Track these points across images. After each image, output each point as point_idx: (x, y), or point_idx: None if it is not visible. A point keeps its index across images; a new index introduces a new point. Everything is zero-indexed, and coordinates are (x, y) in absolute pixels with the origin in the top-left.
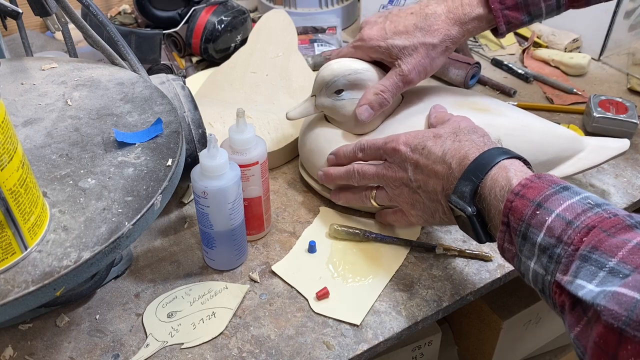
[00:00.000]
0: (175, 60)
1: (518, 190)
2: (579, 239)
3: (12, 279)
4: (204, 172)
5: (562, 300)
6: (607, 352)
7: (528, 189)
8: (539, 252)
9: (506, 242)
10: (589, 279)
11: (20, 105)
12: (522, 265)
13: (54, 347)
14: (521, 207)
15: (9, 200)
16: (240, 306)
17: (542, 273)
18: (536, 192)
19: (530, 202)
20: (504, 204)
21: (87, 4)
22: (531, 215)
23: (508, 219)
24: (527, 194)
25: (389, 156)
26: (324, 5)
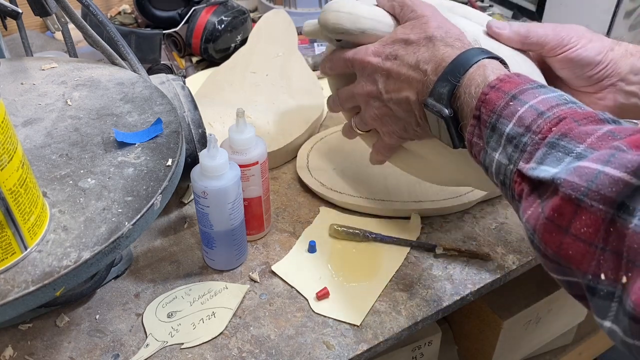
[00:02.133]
0: (175, 60)
1: (495, 84)
2: (548, 129)
3: (12, 279)
4: (204, 172)
5: (521, 188)
6: (560, 225)
7: (505, 82)
8: (505, 142)
9: (475, 136)
10: (555, 165)
11: (20, 105)
12: (487, 158)
13: (54, 347)
14: (495, 98)
15: (8, 200)
16: (240, 306)
17: (506, 163)
18: (513, 86)
19: (505, 95)
20: (478, 97)
21: (87, 4)
22: (504, 107)
23: (480, 112)
24: (503, 87)
25: (358, 70)
26: (324, 5)
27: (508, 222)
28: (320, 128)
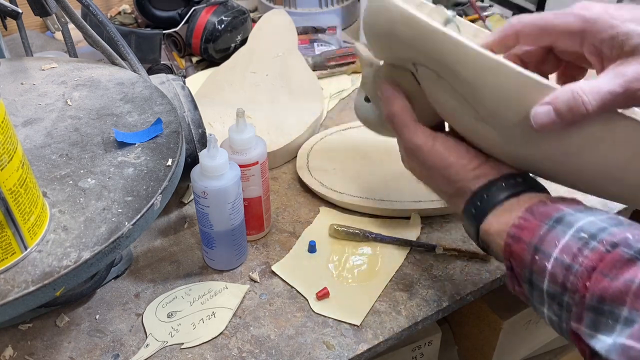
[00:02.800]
0: (175, 60)
1: (514, 233)
2: (582, 285)
3: (12, 279)
4: (204, 172)
5: (582, 347)
6: None
7: (523, 230)
8: (548, 300)
9: (515, 285)
10: (608, 333)
11: (20, 105)
12: (537, 309)
13: (54, 347)
14: (520, 251)
15: (8, 200)
16: (240, 306)
17: (557, 320)
18: (531, 234)
19: (528, 246)
20: (504, 247)
21: (87, 4)
22: (532, 261)
23: (511, 264)
24: (523, 236)
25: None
26: (324, 5)
27: None
28: (320, 128)
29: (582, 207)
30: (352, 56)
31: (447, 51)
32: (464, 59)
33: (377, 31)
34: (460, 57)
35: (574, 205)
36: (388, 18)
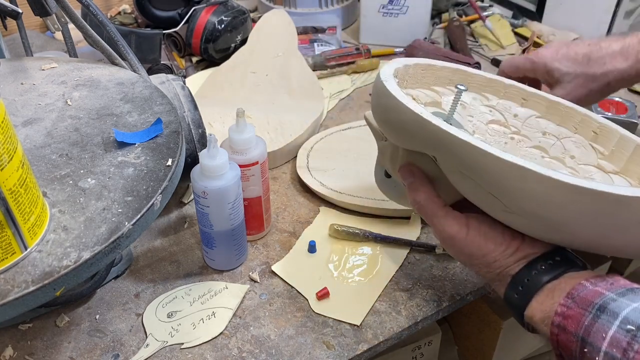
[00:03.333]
0: (175, 60)
1: (558, 322)
2: None
3: (12, 279)
4: (204, 172)
5: None
6: None
7: (567, 319)
8: None
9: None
10: None
11: (20, 105)
12: None
13: (54, 347)
14: (567, 342)
15: (8, 200)
16: (240, 306)
17: None
18: (576, 324)
19: (574, 337)
20: (550, 336)
21: (87, 4)
22: (581, 354)
23: (560, 353)
24: (567, 325)
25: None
26: (324, 5)
27: None
28: (320, 128)
29: (622, 288)
30: (352, 56)
31: (466, 155)
32: (485, 163)
33: (389, 125)
34: (480, 161)
35: (615, 287)
36: (398, 118)
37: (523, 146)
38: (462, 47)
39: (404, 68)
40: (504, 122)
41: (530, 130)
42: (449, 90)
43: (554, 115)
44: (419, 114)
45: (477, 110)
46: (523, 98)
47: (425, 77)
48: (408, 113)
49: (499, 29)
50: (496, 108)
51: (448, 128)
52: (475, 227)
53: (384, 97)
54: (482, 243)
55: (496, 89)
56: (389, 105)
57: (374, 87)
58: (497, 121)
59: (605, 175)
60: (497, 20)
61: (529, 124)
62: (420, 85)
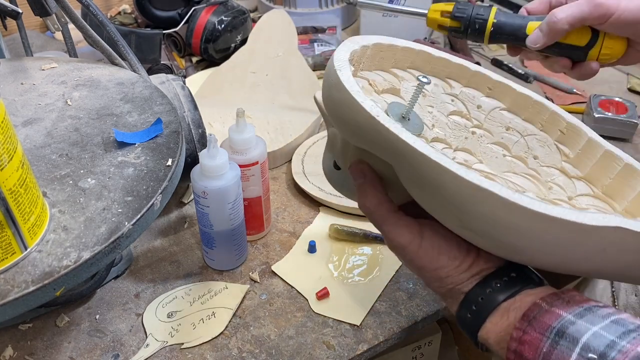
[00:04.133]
0: (175, 60)
1: (515, 347)
2: None
3: (12, 279)
4: (204, 172)
5: None
6: None
7: (523, 344)
8: None
9: None
10: None
11: (20, 105)
12: None
13: (54, 347)
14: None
15: (8, 200)
16: (240, 306)
17: None
18: (533, 350)
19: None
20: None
21: (87, 4)
22: None
23: None
24: (524, 351)
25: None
26: (324, 5)
27: None
28: (320, 128)
29: (580, 308)
30: None
31: (425, 169)
32: (444, 180)
33: (340, 122)
34: (440, 178)
35: (572, 306)
36: (350, 117)
37: (484, 142)
38: (462, 47)
39: (361, 50)
40: (466, 114)
41: (494, 124)
42: (409, 74)
43: (520, 109)
44: (374, 117)
45: (438, 99)
46: (489, 87)
47: (385, 58)
48: (362, 114)
49: None
50: (459, 97)
51: (407, 137)
52: (429, 238)
53: (336, 89)
54: (435, 256)
55: (461, 75)
56: (341, 100)
57: (326, 72)
58: (459, 112)
59: (568, 180)
60: None
61: (492, 117)
62: (379, 66)
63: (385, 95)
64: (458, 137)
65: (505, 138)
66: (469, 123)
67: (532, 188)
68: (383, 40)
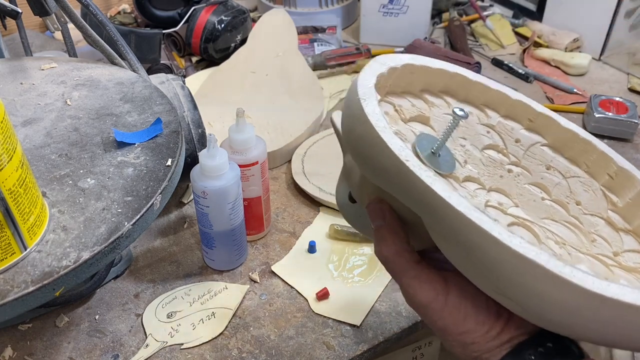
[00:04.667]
0: (175, 60)
1: None
2: None
3: (12, 279)
4: (204, 172)
5: None
6: None
7: None
8: None
9: None
10: None
11: (19, 105)
12: None
13: (54, 347)
14: None
15: (8, 200)
16: (240, 306)
17: None
18: None
19: None
20: None
21: (86, 4)
22: None
23: None
24: None
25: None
26: (324, 4)
27: None
28: (320, 128)
29: None
30: (352, 56)
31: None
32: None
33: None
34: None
35: None
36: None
37: (521, 182)
38: (462, 46)
39: (388, 73)
40: (503, 149)
41: (533, 161)
42: (441, 100)
43: (564, 146)
44: (403, 161)
45: (472, 130)
46: (530, 119)
47: (415, 81)
48: (389, 155)
49: (500, 28)
50: (496, 129)
51: (440, 190)
52: (454, 297)
53: (358, 122)
54: (460, 319)
55: (500, 103)
56: (365, 135)
57: (347, 99)
58: (494, 146)
59: (614, 232)
60: (497, 20)
61: (532, 153)
62: (406, 90)
63: (413, 123)
64: (493, 175)
65: (545, 179)
66: (505, 159)
67: (573, 239)
68: (415, 60)
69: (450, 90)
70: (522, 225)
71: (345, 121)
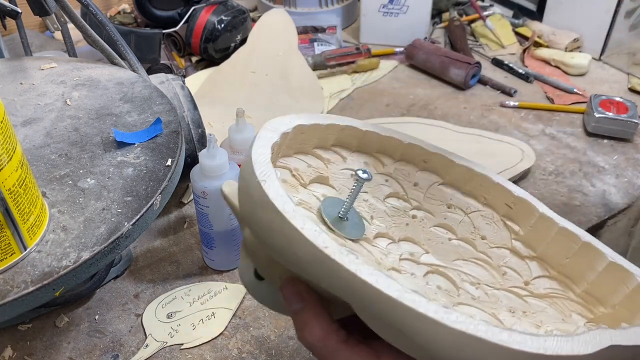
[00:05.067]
0: (175, 60)
1: None
2: None
3: (12, 279)
4: (204, 172)
5: None
6: None
7: None
8: None
9: None
10: None
11: (19, 105)
12: None
13: (53, 347)
14: None
15: (8, 200)
16: (240, 306)
17: None
18: None
19: None
20: None
21: (86, 4)
22: None
23: None
24: None
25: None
26: (324, 4)
27: None
28: None
29: None
30: (352, 56)
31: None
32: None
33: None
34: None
35: None
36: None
37: (427, 225)
38: (462, 46)
39: (281, 139)
40: (403, 195)
41: (434, 202)
42: (335, 154)
43: (460, 182)
44: (322, 249)
45: (372, 181)
46: (424, 160)
47: (307, 139)
48: (304, 244)
49: (500, 28)
50: (393, 176)
51: (367, 275)
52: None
53: (261, 207)
54: None
55: (393, 149)
56: (271, 223)
57: (244, 179)
58: (395, 194)
59: (521, 261)
60: (497, 20)
61: (431, 194)
62: (299, 150)
63: (313, 186)
64: (399, 224)
65: (448, 218)
66: (407, 205)
67: (486, 276)
68: (304, 120)
69: (342, 143)
70: (437, 272)
71: (244, 202)
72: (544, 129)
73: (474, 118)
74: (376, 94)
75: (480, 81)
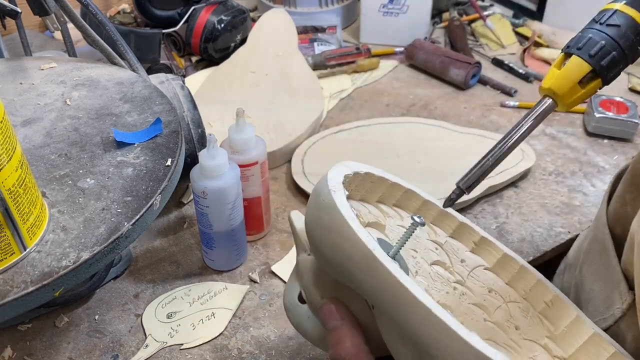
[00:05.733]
0: (175, 60)
1: None
2: None
3: (11, 280)
4: (204, 172)
5: None
6: None
7: None
8: None
9: None
10: None
11: (19, 105)
12: None
13: (53, 347)
14: None
15: (7, 200)
16: (240, 307)
17: None
18: None
19: None
20: None
21: (86, 4)
22: None
23: None
24: None
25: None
26: (324, 4)
27: (509, 222)
28: (320, 128)
29: None
30: (352, 56)
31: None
32: (449, 345)
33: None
34: (442, 341)
35: None
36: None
37: (465, 301)
38: (462, 46)
39: (353, 176)
40: (449, 267)
41: (476, 283)
42: (395, 212)
43: (503, 271)
44: (371, 250)
45: (422, 244)
46: (474, 242)
47: (372, 190)
48: (357, 245)
49: (500, 28)
50: (443, 247)
51: (404, 280)
52: None
53: (327, 211)
54: None
55: (447, 223)
56: (332, 224)
57: (316, 192)
58: (442, 263)
59: (551, 359)
60: (497, 20)
61: (475, 275)
62: (364, 198)
63: (370, 229)
64: (440, 290)
65: (487, 300)
66: (451, 277)
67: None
68: (375, 170)
69: (403, 204)
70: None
71: (311, 213)
72: (544, 129)
73: (474, 118)
74: (376, 93)
75: (480, 81)
